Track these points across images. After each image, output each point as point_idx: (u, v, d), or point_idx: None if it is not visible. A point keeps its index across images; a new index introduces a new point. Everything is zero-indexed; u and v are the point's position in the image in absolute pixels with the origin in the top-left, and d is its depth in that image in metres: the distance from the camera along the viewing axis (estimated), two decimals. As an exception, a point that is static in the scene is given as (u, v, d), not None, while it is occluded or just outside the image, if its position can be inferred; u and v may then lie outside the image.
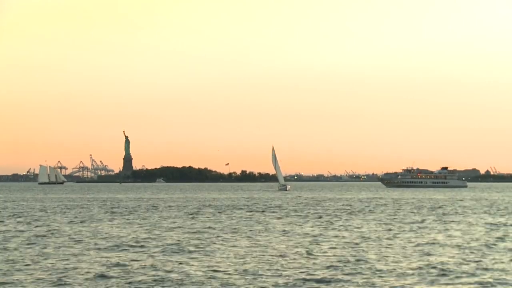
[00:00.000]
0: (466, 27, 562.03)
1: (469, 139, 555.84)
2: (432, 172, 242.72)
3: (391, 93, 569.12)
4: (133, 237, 39.57)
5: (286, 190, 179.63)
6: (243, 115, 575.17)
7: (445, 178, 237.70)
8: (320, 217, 58.81)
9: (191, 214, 63.24)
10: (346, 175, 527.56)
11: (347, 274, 25.69)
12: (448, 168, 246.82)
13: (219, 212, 67.06)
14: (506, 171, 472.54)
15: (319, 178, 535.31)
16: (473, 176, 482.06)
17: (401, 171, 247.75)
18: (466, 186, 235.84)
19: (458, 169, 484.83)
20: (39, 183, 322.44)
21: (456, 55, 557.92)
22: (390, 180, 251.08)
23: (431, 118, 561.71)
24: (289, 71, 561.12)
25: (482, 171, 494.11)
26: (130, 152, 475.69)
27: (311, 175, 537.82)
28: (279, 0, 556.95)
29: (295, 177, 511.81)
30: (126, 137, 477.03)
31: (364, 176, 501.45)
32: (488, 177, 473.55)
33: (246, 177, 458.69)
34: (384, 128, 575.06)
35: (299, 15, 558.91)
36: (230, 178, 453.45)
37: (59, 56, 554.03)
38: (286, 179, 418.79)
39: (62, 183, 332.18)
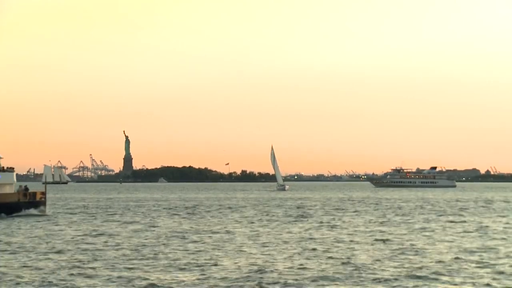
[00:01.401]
0: (466, 27, 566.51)
1: (469, 139, 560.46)
2: (421, 172, 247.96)
3: (391, 93, 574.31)
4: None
5: (285, 190, 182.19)
6: (243, 115, 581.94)
7: (434, 178, 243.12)
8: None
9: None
10: (347, 175, 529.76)
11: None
12: (438, 168, 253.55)
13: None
14: (506, 171, 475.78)
15: (319, 178, 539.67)
16: (473, 176, 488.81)
17: (390, 170, 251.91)
18: (455, 186, 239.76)
19: (458, 169, 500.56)
20: (43, 183, 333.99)
21: (456, 55, 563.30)
22: (379, 180, 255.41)
23: (431, 118, 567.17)
24: (289, 71, 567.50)
25: (482, 171, 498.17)
26: (130, 152, 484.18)
27: (312, 175, 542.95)
28: (279, 0, 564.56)
29: (295, 177, 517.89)
30: (126, 137, 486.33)
31: (364, 176, 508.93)
32: (489, 177, 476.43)
33: (246, 177, 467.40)
34: (384, 128, 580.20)
35: (299, 15, 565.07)
36: (231, 178, 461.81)
37: (59, 56, 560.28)
38: (287, 179, 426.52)
39: (66, 183, 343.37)
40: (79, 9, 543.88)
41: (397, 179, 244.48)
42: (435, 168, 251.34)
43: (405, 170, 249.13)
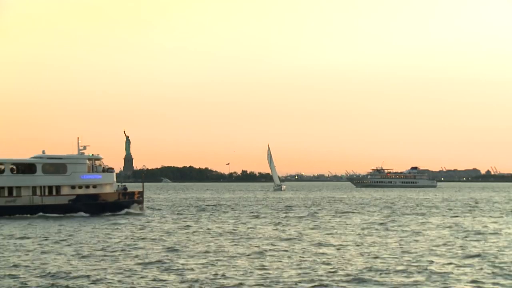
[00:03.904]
0: (466, 27, 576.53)
1: (469, 139, 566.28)
2: (401, 172, 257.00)
3: (392, 93, 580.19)
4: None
5: (281, 190, 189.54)
6: (243, 115, 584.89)
7: (415, 178, 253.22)
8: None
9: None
10: (347, 175, 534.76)
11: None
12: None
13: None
14: (506, 171, 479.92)
15: (319, 178, 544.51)
16: (474, 176, 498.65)
17: (371, 170, 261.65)
18: (435, 186, 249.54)
19: (458, 169, 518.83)
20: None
21: (456, 54, 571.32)
22: (360, 180, 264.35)
23: (432, 117, 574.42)
24: (290, 70, 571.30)
25: (483, 171, 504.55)
26: (131, 151, 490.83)
27: (312, 175, 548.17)
28: (278, 0, 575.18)
29: (296, 177, 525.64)
30: (127, 137, 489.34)
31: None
32: (489, 177, 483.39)
33: (247, 177, 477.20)
34: (385, 128, 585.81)
35: (298, 14, 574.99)
36: (231, 178, 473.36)
37: (60, 56, 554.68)
38: (287, 179, 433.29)
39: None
40: (80, 8, 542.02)
41: (378, 178, 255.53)
42: (415, 168, 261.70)
43: (385, 170, 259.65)
